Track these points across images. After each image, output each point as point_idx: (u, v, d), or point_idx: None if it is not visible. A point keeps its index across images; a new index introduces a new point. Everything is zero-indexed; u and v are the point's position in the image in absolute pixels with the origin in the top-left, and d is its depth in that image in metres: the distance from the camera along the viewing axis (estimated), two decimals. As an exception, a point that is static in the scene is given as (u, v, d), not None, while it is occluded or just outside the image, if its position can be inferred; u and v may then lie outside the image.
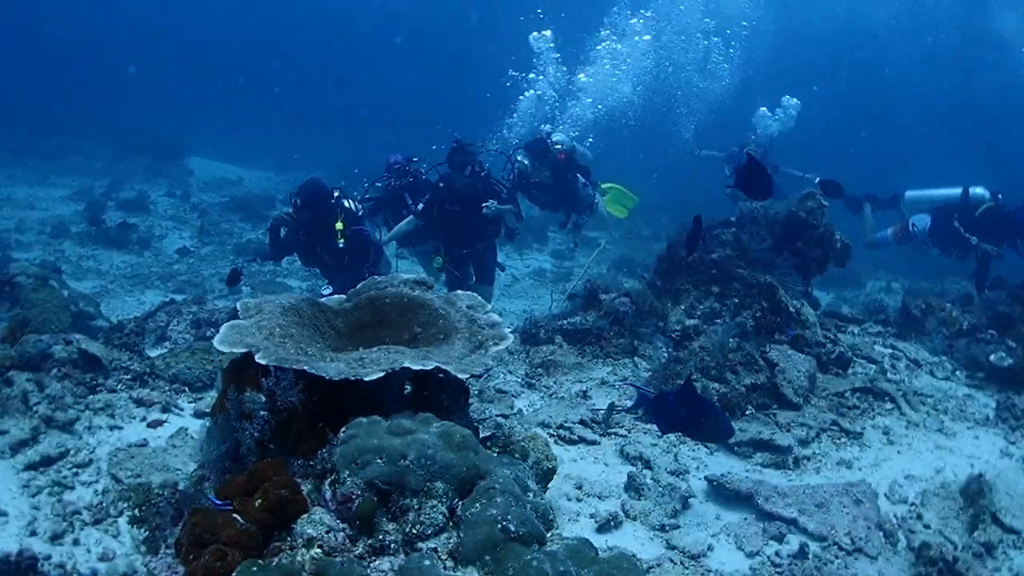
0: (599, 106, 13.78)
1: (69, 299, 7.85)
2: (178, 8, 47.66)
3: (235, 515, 2.63)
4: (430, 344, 3.45)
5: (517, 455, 3.35)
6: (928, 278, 13.87)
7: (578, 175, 9.73)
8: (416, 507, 2.55)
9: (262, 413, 2.87)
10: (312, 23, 48.74)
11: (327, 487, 2.65)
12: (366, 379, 2.80)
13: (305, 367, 2.82)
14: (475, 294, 3.92)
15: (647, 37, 15.63)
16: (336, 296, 4.05)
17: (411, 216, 9.03)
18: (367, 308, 3.83)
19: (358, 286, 4.06)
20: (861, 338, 8.31)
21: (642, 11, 16.02)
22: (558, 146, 9.58)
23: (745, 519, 4.45)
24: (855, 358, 7.26)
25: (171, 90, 36.79)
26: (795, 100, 14.82)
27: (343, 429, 2.78)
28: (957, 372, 7.53)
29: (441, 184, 8.78)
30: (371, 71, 45.70)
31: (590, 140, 13.11)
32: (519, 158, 9.49)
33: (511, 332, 3.60)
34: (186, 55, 43.08)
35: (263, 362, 2.86)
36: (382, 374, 2.84)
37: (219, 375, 3.38)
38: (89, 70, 36.95)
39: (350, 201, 8.50)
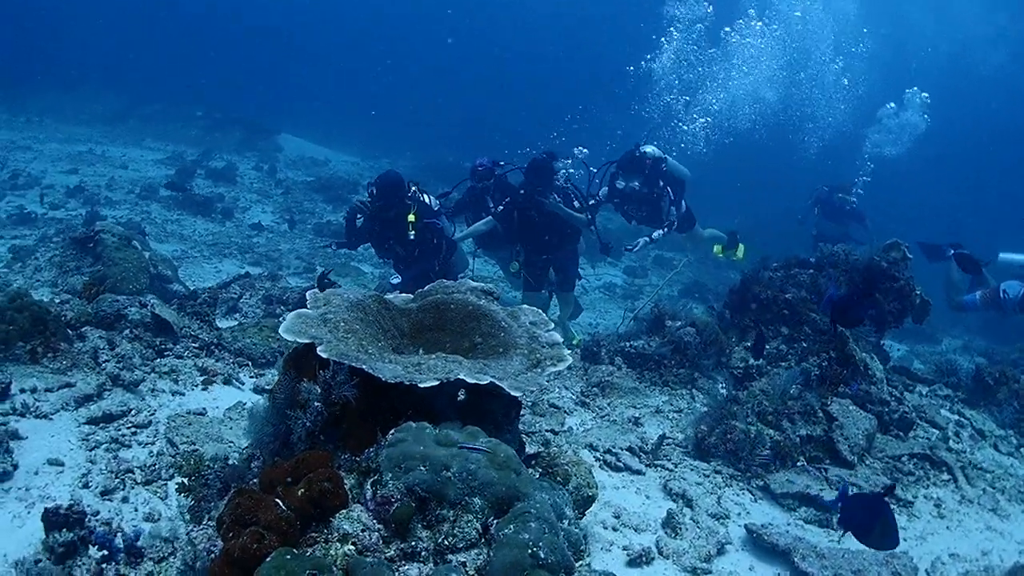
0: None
1: (149, 261, 8.10)
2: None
3: (277, 500, 2.69)
4: (488, 356, 3.48)
5: (559, 478, 3.36)
6: (1008, 342, 13.49)
7: (667, 189, 9.61)
8: (452, 519, 2.58)
9: (316, 404, 2.93)
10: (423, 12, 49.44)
11: (368, 486, 2.69)
12: (420, 385, 2.84)
13: (363, 366, 2.87)
14: (539, 310, 3.93)
15: (797, 13, 15.71)
16: (403, 295, 4.11)
17: (489, 217, 9.05)
18: (432, 311, 3.88)
19: (426, 287, 4.12)
20: (928, 400, 8.10)
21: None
22: (646, 153, 9.51)
23: (778, 574, 4.38)
24: (919, 421, 7.07)
25: (273, 66, 37.71)
26: (924, 95, 14.58)
27: (392, 431, 2.83)
28: (1022, 449, 7.30)
29: (522, 190, 8.79)
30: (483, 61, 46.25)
31: (705, 121, 13.09)
32: (619, 183, 9.42)
33: (570, 354, 3.61)
34: (292, 33, 44.07)
35: (324, 355, 2.92)
36: (436, 383, 2.88)
37: (280, 359, 3.45)
38: (196, 40, 38.08)
39: (427, 196, 8.61)
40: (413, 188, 8.43)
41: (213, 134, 21.84)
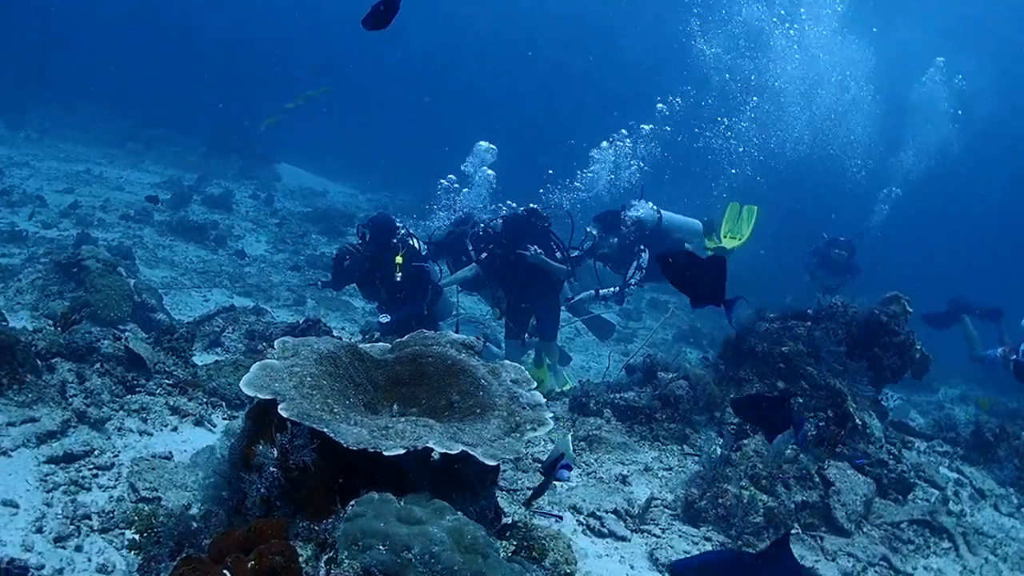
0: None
1: (134, 289, 7.92)
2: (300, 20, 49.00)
3: (225, 572, 2.47)
4: (465, 417, 3.26)
5: (536, 553, 3.13)
6: (1005, 391, 13.36)
7: (642, 253, 9.50)
8: (411, 606, 2.35)
9: (271, 470, 2.71)
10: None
11: (322, 565, 2.47)
12: (385, 453, 2.63)
13: (324, 428, 2.66)
14: (521, 367, 3.73)
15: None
16: (380, 344, 3.91)
17: (473, 264, 9.10)
18: (408, 363, 3.67)
19: (404, 338, 3.92)
20: (927, 457, 7.94)
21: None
22: (629, 215, 9.51)
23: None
24: (918, 480, 6.85)
25: (274, 94, 37.67)
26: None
27: (352, 503, 2.60)
28: (1023, 508, 7.10)
29: (504, 240, 8.82)
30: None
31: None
32: (589, 228, 9.51)
33: (552, 416, 3.40)
34: (297, 61, 44.19)
35: (284, 414, 2.71)
36: (402, 451, 2.66)
37: (243, 412, 3.24)
38: (200, 67, 38.11)
39: (415, 240, 8.73)
40: (402, 231, 8.53)
41: (212, 160, 21.75)
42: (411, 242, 8.64)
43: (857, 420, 6.80)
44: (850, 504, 5.69)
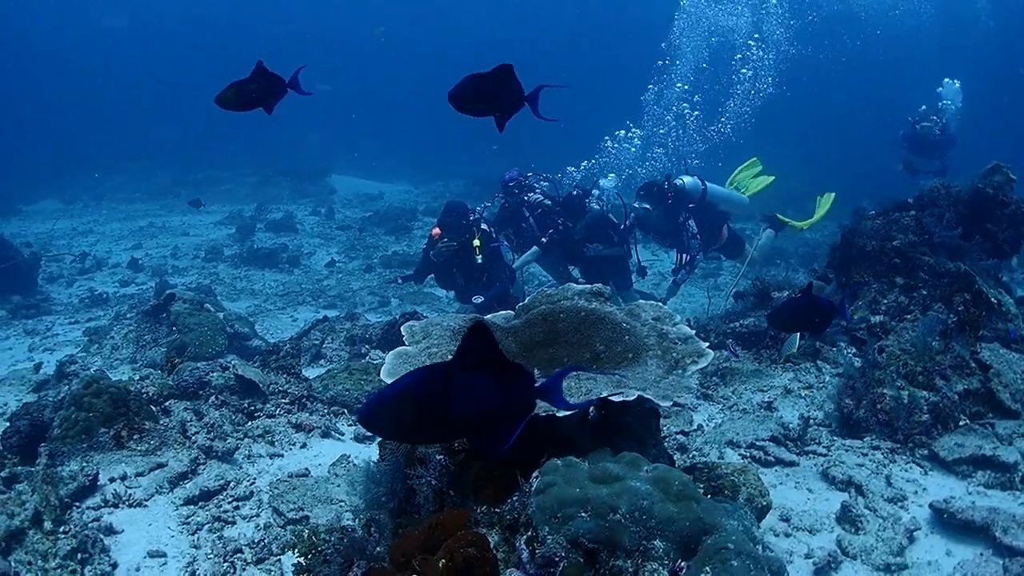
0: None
1: (224, 321, 7.85)
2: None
3: None
4: (618, 365, 3.01)
5: (728, 492, 2.86)
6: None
7: (688, 223, 9.41)
8: (631, 570, 2.10)
9: (438, 457, 2.49)
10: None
11: (523, 545, 2.23)
12: (559, 414, 2.39)
13: (486, 401, 2.42)
14: (659, 304, 3.47)
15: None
16: (502, 312, 3.68)
17: (535, 248, 9.18)
18: (539, 324, 3.42)
19: (526, 300, 3.68)
20: (1059, 323, 7.46)
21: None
22: (676, 185, 9.47)
23: (981, 555, 3.77)
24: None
25: (309, 112, 37.89)
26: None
27: (535, 474, 2.37)
28: None
29: (560, 222, 9.11)
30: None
31: None
32: (636, 203, 9.50)
33: (707, 346, 3.13)
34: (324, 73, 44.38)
35: (438, 396, 2.49)
36: (576, 409, 2.42)
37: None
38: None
39: (486, 224, 8.92)
40: (472, 216, 8.74)
41: (265, 188, 21.90)
42: (482, 225, 8.80)
43: (992, 299, 6.39)
44: (1012, 384, 5.30)
